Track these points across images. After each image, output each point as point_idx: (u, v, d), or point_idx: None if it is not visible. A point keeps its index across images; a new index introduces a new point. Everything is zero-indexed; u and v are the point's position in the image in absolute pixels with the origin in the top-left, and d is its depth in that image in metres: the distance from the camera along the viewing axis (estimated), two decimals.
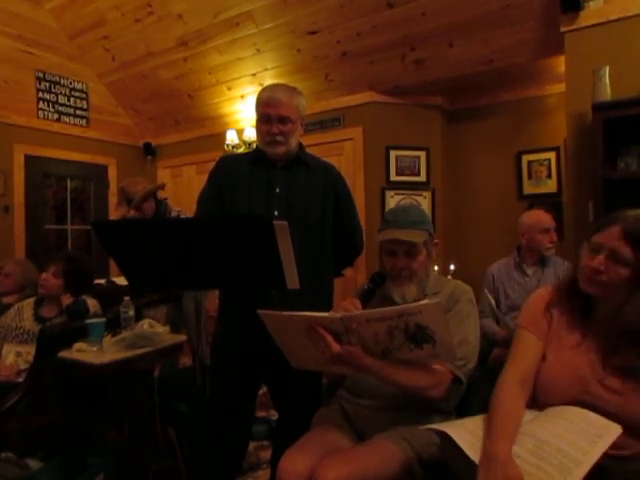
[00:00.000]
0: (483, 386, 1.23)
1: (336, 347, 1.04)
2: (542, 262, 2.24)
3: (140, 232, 1.17)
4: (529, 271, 2.24)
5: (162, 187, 2.78)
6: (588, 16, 2.36)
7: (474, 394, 1.28)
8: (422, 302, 1.02)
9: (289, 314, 1.08)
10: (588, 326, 1.08)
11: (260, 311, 1.10)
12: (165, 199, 2.77)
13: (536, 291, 1.20)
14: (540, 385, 1.07)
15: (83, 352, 1.78)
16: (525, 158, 3.43)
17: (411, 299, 1.30)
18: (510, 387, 1.05)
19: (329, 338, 1.05)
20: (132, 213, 2.53)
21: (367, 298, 1.26)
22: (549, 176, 3.36)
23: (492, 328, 2.15)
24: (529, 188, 3.42)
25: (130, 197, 2.54)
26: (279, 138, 1.49)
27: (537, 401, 1.07)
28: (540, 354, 1.09)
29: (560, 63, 2.83)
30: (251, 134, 3.84)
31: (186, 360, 2.67)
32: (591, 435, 0.91)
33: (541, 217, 2.24)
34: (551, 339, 1.10)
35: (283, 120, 1.49)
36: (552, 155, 3.34)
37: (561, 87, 2.87)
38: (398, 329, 1.01)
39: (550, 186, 3.35)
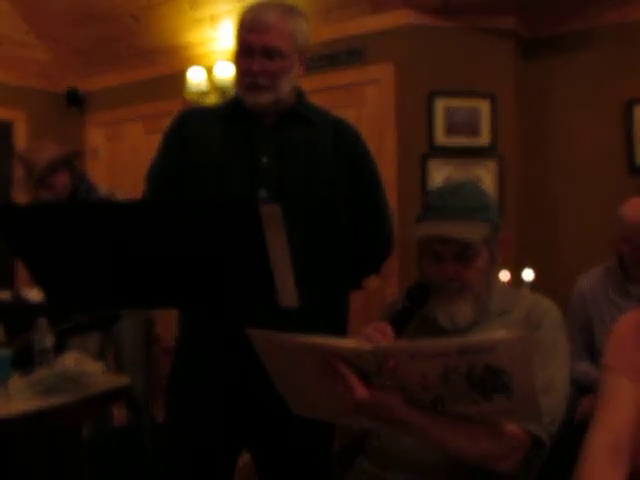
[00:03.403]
0: (566, 450, 1.24)
1: (362, 392, 1.04)
2: None
3: (61, 221, 1.17)
4: (637, 292, 2.21)
5: (78, 153, 2.83)
6: None
7: (553, 462, 1.29)
8: (497, 335, 1.01)
9: (294, 337, 1.08)
10: None
11: (251, 330, 1.11)
12: (84, 175, 2.81)
13: (623, 316, 1.21)
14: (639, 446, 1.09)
15: None
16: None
17: (465, 322, 1.31)
18: (601, 456, 1.07)
19: (353, 379, 1.05)
20: (31, 194, 2.57)
21: (403, 323, 1.27)
22: None
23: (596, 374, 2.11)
24: None
25: (31, 168, 2.58)
26: (262, 81, 1.50)
27: (637, 469, 1.08)
28: (637, 404, 1.11)
29: None
30: (226, 75, 3.84)
31: (125, 414, 2.69)
32: None
33: None
34: None
35: (270, 53, 1.49)
36: None
37: None
38: (458, 371, 1.00)
39: None
